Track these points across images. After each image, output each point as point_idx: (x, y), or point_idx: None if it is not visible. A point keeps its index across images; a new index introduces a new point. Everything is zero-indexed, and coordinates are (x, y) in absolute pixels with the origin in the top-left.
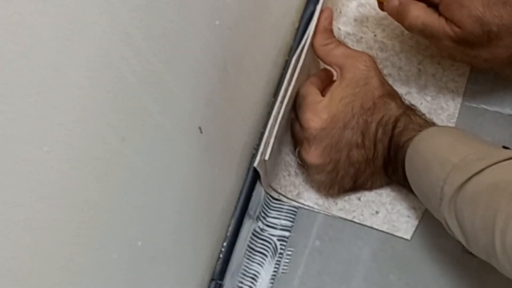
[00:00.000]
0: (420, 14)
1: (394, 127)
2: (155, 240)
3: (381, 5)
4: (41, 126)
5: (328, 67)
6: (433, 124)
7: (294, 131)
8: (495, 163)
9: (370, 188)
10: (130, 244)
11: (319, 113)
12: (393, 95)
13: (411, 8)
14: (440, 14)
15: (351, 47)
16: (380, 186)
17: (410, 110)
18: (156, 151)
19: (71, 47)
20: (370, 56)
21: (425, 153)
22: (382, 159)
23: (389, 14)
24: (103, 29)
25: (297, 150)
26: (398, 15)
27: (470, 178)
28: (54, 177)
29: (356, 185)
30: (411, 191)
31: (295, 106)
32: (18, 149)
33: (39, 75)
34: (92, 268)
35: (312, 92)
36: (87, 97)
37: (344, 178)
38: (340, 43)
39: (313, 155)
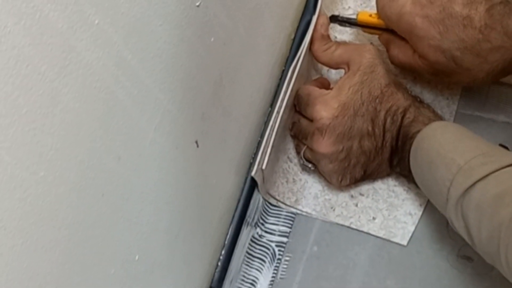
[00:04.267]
0: (397, 53)
1: (403, 117)
2: (152, 253)
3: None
4: (37, 152)
5: (336, 70)
6: (440, 118)
7: (300, 129)
8: (499, 169)
9: (375, 178)
10: (128, 259)
11: (329, 103)
12: (399, 85)
13: (390, 47)
14: (415, 50)
15: None
16: (383, 177)
17: (417, 102)
18: (152, 167)
19: (66, 75)
20: (373, 45)
21: (429, 151)
22: (390, 148)
23: None
24: (97, 56)
25: (303, 150)
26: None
27: (475, 183)
28: (50, 199)
29: (365, 175)
30: (413, 182)
31: (300, 107)
32: (14, 175)
33: (35, 104)
34: (90, 285)
35: (315, 89)
36: (82, 121)
37: (356, 167)
38: (340, 43)
39: (326, 144)
